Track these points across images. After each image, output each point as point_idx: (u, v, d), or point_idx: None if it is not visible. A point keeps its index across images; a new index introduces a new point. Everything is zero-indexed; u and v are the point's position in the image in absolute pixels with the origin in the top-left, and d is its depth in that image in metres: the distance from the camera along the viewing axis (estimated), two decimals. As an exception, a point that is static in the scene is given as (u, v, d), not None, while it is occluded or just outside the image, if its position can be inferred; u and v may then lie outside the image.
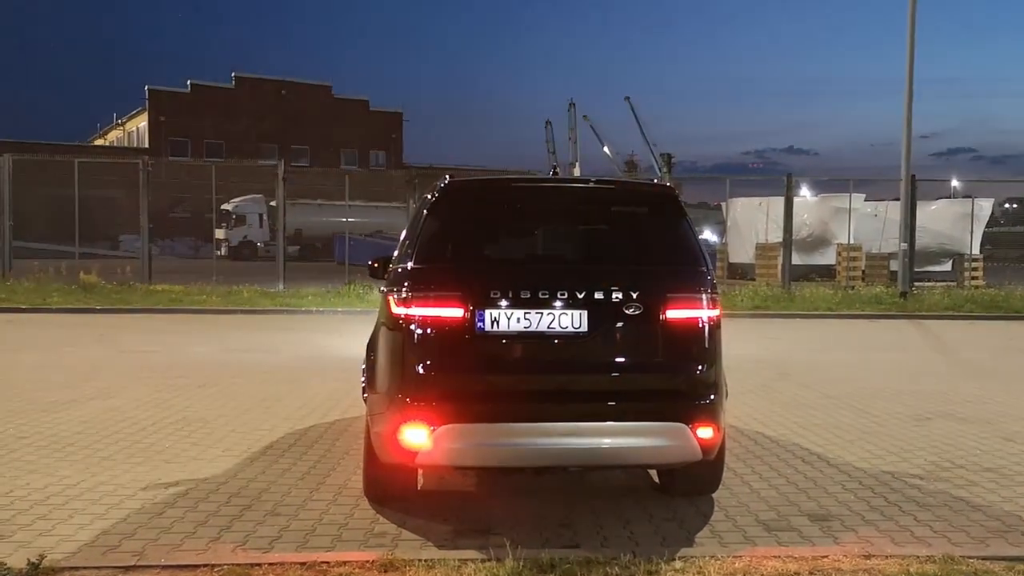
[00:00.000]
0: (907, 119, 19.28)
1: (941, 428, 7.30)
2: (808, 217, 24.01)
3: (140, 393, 8.37)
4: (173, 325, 14.64)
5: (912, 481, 5.70)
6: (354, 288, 18.39)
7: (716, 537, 4.63)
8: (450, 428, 4.32)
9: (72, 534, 4.46)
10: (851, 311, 17.63)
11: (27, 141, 44.39)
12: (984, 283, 23.01)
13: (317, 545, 4.41)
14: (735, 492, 5.39)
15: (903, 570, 4.05)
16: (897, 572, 4.03)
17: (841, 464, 6.11)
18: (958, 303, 18.52)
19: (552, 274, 4.60)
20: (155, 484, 5.35)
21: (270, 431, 6.86)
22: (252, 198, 41.20)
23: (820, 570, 4.07)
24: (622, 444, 4.47)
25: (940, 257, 24.63)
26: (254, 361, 10.70)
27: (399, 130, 62.55)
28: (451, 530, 4.62)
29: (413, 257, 4.62)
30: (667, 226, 4.88)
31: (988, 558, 4.26)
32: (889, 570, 4.06)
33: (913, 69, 19.23)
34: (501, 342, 4.44)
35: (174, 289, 18.81)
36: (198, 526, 4.63)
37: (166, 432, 6.79)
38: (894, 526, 4.82)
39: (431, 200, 4.84)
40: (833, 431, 7.14)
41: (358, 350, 5.60)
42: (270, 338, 13.03)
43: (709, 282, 4.71)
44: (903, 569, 4.07)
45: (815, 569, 4.08)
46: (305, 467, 5.85)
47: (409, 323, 4.43)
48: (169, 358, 10.84)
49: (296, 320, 15.63)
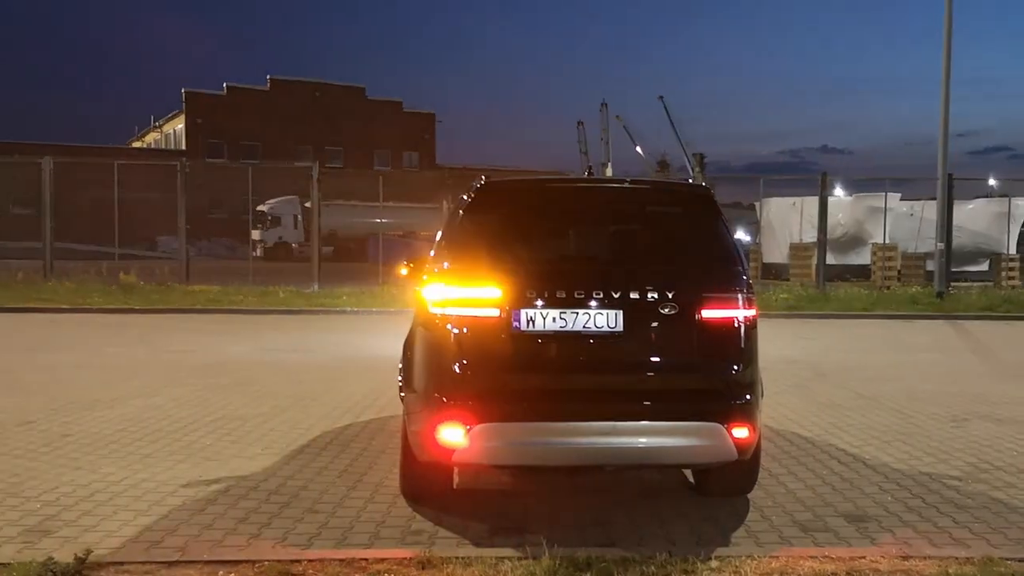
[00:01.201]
0: (944, 118, 19.03)
1: (979, 430, 7.22)
2: (843, 217, 23.77)
3: (180, 392, 8.52)
4: (210, 325, 14.85)
5: (950, 482, 5.65)
6: (388, 288, 18.52)
7: (752, 537, 4.63)
8: (486, 427, 4.36)
9: (116, 530, 4.56)
10: (886, 311, 17.43)
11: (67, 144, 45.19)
12: (1021, 283, 22.64)
13: (355, 542, 4.47)
14: (770, 492, 5.38)
15: (942, 571, 4.03)
16: (935, 573, 4.01)
17: (877, 465, 6.07)
18: (995, 303, 18.24)
19: (588, 274, 4.63)
20: (196, 481, 5.46)
21: (307, 430, 6.95)
22: (287, 199, 41.59)
23: (857, 571, 4.06)
24: (658, 443, 4.48)
25: (977, 257, 24.27)
26: (290, 361, 10.84)
27: (432, 131, 62.78)
28: (487, 528, 4.66)
29: (449, 257, 4.67)
30: (703, 226, 4.89)
31: None
32: (927, 571, 4.05)
33: (950, 67, 18.98)
34: (537, 341, 4.48)
35: (211, 290, 19.07)
36: (239, 522, 4.71)
37: (206, 430, 6.91)
38: (932, 527, 4.79)
39: (467, 200, 4.89)
40: (869, 432, 7.09)
41: (392, 350, 5.66)
42: (305, 338, 13.18)
43: (745, 282, 4.71)
44: (942, 570, 4.04)
45: (852, 570, 4.07)
46: (342, 465, 5.93)
47: (445, 323, 4.48)
48: (207, 357, 11.00)
49: (331, 320, 15.77)
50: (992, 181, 27.46)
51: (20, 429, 6.81)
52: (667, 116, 55.72)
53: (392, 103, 60.62)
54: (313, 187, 20.37)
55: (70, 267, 20.59)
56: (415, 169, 55.93)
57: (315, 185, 20.27)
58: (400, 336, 5.43)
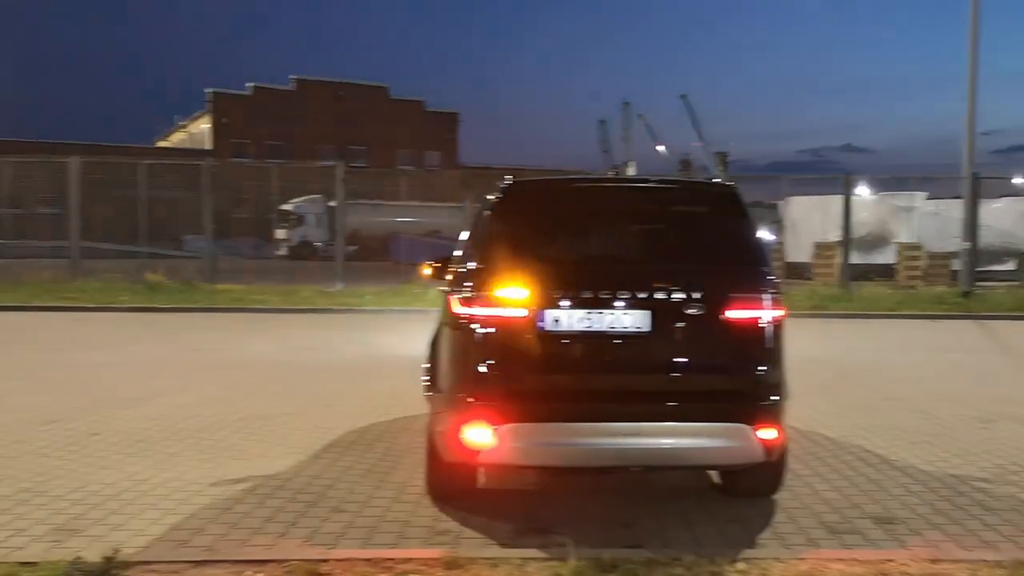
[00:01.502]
0: (970, 116, 18.80)
1: (1007, 431, 7.14)
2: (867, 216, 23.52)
3: (206, 390, 8.59)
4: (236, 324, 14.96)
5: (978, 484, 5.59)
6: (410, 287, 18.55)
7: (779, 539, 4.60)
8: (513, 427, 4.37)
9: (144, 529, 4.60)
10: (912, 311, 17.25)
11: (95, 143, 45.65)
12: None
13: (381, 542, 4.49)
14: (797, 493, 5.35)
15: (972, 575, 3.99)
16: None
17: (904, 466, 6.01)
18: (1022, 303, 18.01)
19: (614, 274, 4.62)
20: (222, 480, 5.50)
21: (332, 429, 6.98)
22: (311, 199, 41.78)
23: (886, 574, 4.03)
24: (685, 445, 4.48)
25: (1003, 256, 23.95)
26: (314, 360, 10.89)
27: (454, 131, 62.96)
28: (512, 528, 4.66)
29: (475, 257, 4.68)
30: (729, 225, 4.87)
31: None
32: (957, 575, 4.00)
33: (976, 66, 18.75)
34: (563, 342, 4.48)
35: (236, 289, 19.20)
36: (265, 522, 4.75)
37: (232, 429, 6.96)
38: (961, 530, 4.74)
39: (493, 200, 4.89)
40: (895, 433, 7.02)
41: (416, 349, 5.66)
42: (329, 337, 13.24)
43: (771, 281, 4.69)
44: (972, 574, 4.00)
45: (880, 573, 4.05)
46: (367, 464, 5.95)
47: (471, 323, 4.49)
48: (232, 356, 11.09)
49: (354, 319, 15.83)
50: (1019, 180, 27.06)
51: (46, 428, 6.88)
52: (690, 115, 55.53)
53: (415, 103, 60.86)
54: (338, 186, 20.47)
55: (97, 266, 20.79)
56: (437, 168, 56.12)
57: (340, 184, 20.36)
58: (423, 335, 5.45)
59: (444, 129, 61.61)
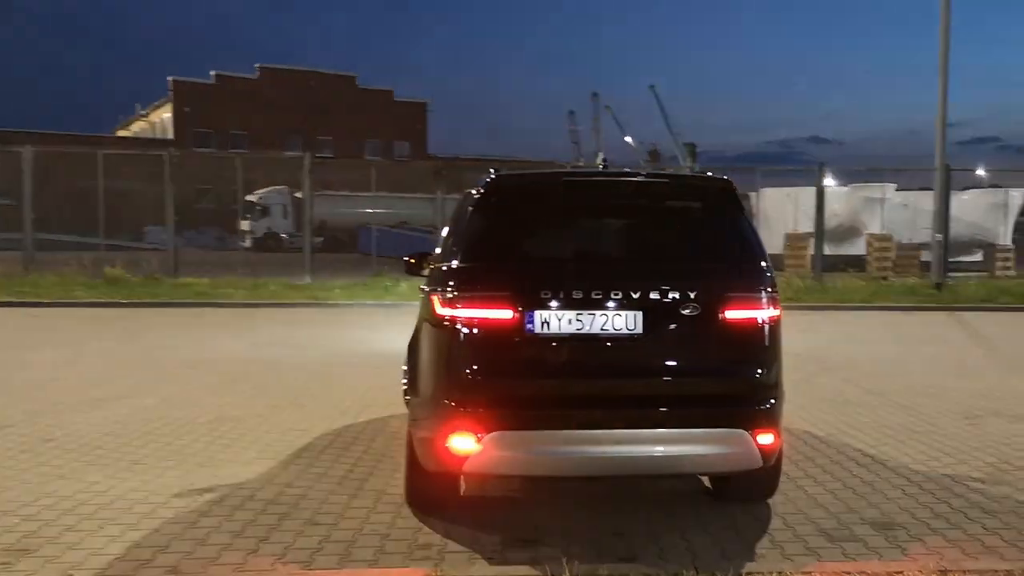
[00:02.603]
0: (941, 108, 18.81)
1: (994, 427, 7.02)
2: (838, 207, 23.60)
3: (170, 391, 8.24)
4: (201, 319, 14.55)
5: (973, 485, 5.44)
6: (382, 280, 18.25)
7: (777, 548, 4.40)
8: (501, 435, 4.13)
9: (102, 547, 4.28)
10: (886, 303, 17.26)
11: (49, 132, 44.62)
12: (1015, 273, 22.53)
13: (360, 557, 4.22)
14: (791, 497, 5.15)
15: (983, 586, 3.81)
16: None
17: (897, 467, 5.85)
18: (993, 294, 18.11)
19: (606, 272, 4.38)
20: (188, 490, 5.18)
21: (305, 431, 6.69)
22: (277, 189, 41.17)
23: (895, 587, 3.83)
24: (680, 452, 4.26)
25: (972, 247, 24.18)
26: (285, 356, 10.55)
27: (423, 120, 62.38)
28: (499, 540, 4.42)
29: (459, 255, 4.40)
30: (724, 221, 4.64)
31: None
32: (968, 586, 3.82)
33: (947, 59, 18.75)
34: (553, 344, 4.23)
35: (200, 282, 18.72)
36: (235, 536, 4.45)
37: (199, 433, 6.63)
38: (962, 535, 4.58)
39: (478, 195, 4.61)
40: (883, 430, 6.87)
41: (389, 345, 5.42)
42: (299, 332, 12.90)
43: (769, 280, 4.48)
44: (983, 585, 3.82)
45: (889, 586, 3.84)
46: (342, 471, 5.67)
47: (456, 324, 4.22)
48: (198, 354, 10.71)
49: (325, 313, 15.49)
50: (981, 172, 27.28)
51: None
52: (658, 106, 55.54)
53: (383, 92, 60.22)
54: (305, 177, 20.04)
55: (52, 259, 20.19)
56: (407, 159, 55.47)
57: (307, 175, 19.94)
58: (396, 330, 5.19)
59: (413, 119, 60.99)
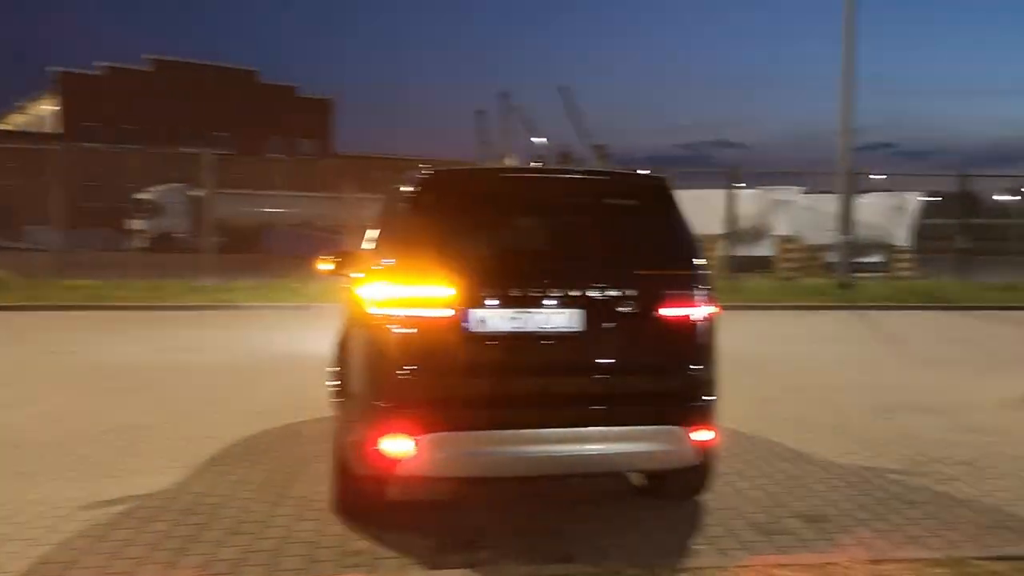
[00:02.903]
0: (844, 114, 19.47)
1: (907, 420, 7.23)
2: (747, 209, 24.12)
3: (67, 398, 7.77)
4: (96, 323, 13.82)
5: (893, 477, 5.58)
6: (289, 282, 17.73)
7: (712, 544, 4.42)
8: (436, 436, 4.02)
9: (4, 563, 3.97)
10: (795, 302, 17.71)
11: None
12: (913, 274, 23.47)
13: (289, 567, 4.03)
14: (721, 493, 5.16)
15: (917, 574, 3.86)
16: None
17: (820, 461, 5.96)
18: (896, 294, 18.78)
19: (544, 270, 4.30)
20: (95, 502, 4.86)
21: (216, 438, 6.38)
22: (171, 187, 39.63)
23: (833, 579, 3.85)
24: (619, 450, 4.24)
25: (872, 249, 25.08)
26: (190, 361, 10.09)
27: (329, 118, 61.27)
28: (433, 544, 4.29)
29: (392, 252, 4.23)
30: (661, 219, 4.60)
31: (993, 558, 4.12)
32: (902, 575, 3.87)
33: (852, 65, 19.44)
34: (491, 343, 4.12)
35: (93, 284, 17.79)
36: (151, 549, 4.19)
37: (101, 442, 6.25)
38: (887, 525, 4.69)
39: (412, 191, 4.44)
40: (803, 426, 6.99)
41: (300, 348, 5.18)
42: (204, 336, 12.38)
43: (706, 277, 4.46)
44: (917, 574, 3.88)
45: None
46: (260, 478, 5.42)
47: (389, 324, 4.07)
48: (96, 359, 10.15)
49: (230, 317, 14.93)
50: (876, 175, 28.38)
51: None
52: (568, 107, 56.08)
53: (286, 88, 58.91)
54: (206, 175, 19.29)
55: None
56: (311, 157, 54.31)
57: (209, 173, 19.20)
58: (306, 332, 5.01)
59: (318, 116, 59.79)
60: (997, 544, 4.39)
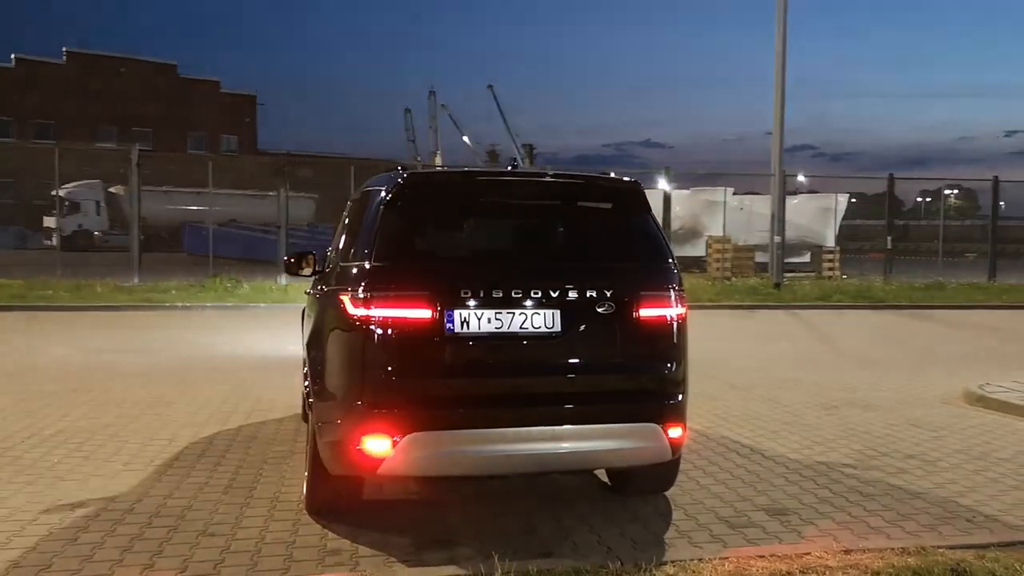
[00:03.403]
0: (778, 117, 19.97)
1: (851, 416, 7.47)
2: (680, 210, 24.59)
3: (4, 402, 7.47)
4: (19, 324, 13.32)
5: (847, 471, 5.75)
6: (221, 281, 17.37)
7: (684, 537, 4.50)
8: (418, 436, 4.01)
9: (-26, 570, 3.81)
10: (731, 302, 18.11)
11: None
12: (839, 274, 24.16)
13: (268, 567, 3.96)
14: (685, 489, 5.27)
15: (887, 564, 4.01)
16: (882, 567, 3.98)
17: (775, 456, 6.11)
18: (828, 293, 19.36)
19: (524, 272, 4.33)
20: (57, 506, 4.71)
21: (170, 441, 6.24)
22: (88, 184, 38.46)
23: (810, 568, 3.96)
24: (598, 447, 4.28)
25: (801, 249, 25.78)
26: (127, 363, 9.81)
27: (253, 114, 60.01)
28: (410, 542, 4.28)
29: (372, 254, 4.21)
30: (634, 221, 4.68)
31: (956, 547, 4.26)
32: (873, 565, 4.00)
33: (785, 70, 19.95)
34: (471, 344, 4.14)
35: (12, 284, 17.16)
36: (123, 552, 4.08)
37: (49, 446, 6.04)
38: (847, 517, 4.83)
39: (389, 193, 4.41)
40: (754, 422, 7.17)
41: (238, 349, 5.08)
42: (138, 337, 12.04)
43: (678, 278, 4.56)
44: (887, 563, 4.02)
45: (804, 567, 3.97)
46: (224, 479, 5.32)
47: (370, 325, 4.05)
48: (25, 361, 9.79)
49: (162, 317, 14.56)
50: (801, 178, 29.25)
51: None
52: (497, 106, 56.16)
53: (209, 82, 57.46)
54: (132, 171, 18.71)
55: None
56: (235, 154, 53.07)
57: (135, 170, 18.64)
58: (242, 332, 4.99)
59: (241, 112, 58.46)
60: (954, 533, 4.57)
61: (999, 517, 4.85)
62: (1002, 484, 5.49)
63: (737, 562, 4.04)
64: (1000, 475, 5.69)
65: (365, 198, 4.88)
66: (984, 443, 6.56)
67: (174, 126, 53.29)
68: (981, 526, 4.71)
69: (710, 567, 3.97)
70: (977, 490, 5.35)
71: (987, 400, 7.91)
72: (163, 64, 56.22)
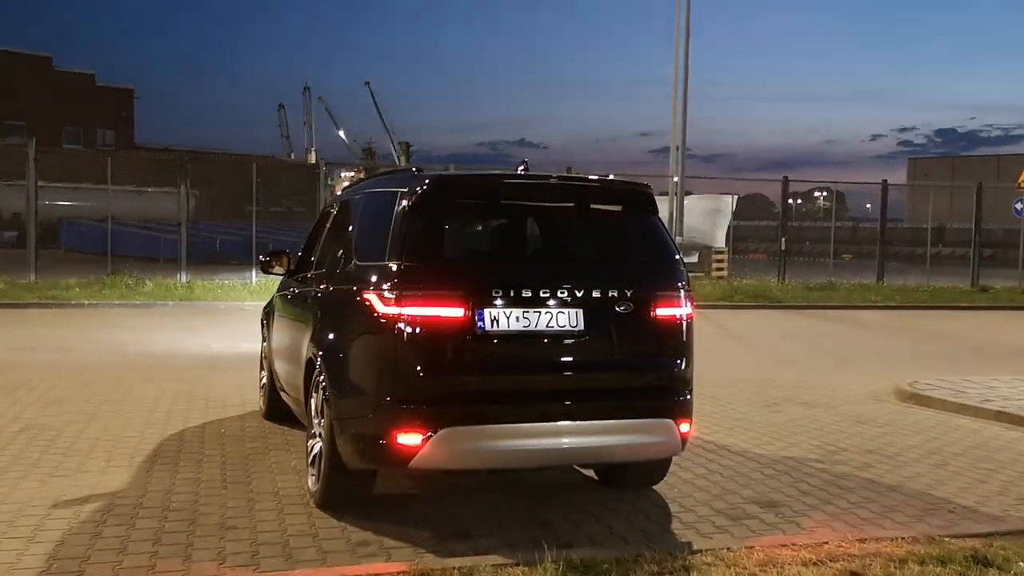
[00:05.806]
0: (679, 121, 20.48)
1: (796, 413, 7.67)
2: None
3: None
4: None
5: (817, 465, 5.92)
6: (122, 278, 16.69)
7: (691, 528, 4.64)
8: (450, 431, 4.12)
9: (15, 561, 3.70)
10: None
11: None
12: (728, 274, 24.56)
13: (305, 558, 3.96)
14: (670, 484, 5.36)
15: (908, 552, 4.14)
16: (904, 554, 4.11)
17: (742, 452, 6.27)
18: (728, 293, 19.77)
19: (550, 272, 4.47)
20: (64, 501, 4.57)
21: (140, 437, 6.09)
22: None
23: (836, 556, 4.10)
24: (618, 441, 4.46)
25: (689, 250, 26.22)
26: (52, 361, 9.35)
27: (130, 108, 57.47)
28: (431, 535, 4.33)
29: (401, 254, 4.26)
30: (646, 222, 4.87)
31: (962, 536, 4.44)
32: (895, 553, 4.14)
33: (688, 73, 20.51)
34: (500, 341, 4.25)
35: None
36: (155, 544, 4.02)
37: (22, 442, 5.81)
38: (836, 509, 4.99)
39: (415, 194, 4.43)
40: (707, 420, 7.23)
41: (160, 346, 4.98)
42: (54, 335, 11.48)
43: (687, 278, 4.77)
44: (907, 551, 4.15)
45: (830, 555, 4.10)
46: (215, 475, 5.24)
47: (403, 323, 4.11)
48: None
49: (70, 315, 13.86)
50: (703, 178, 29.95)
51: None
52: (373, 102, 55.70)
53: (84, 75, 54.67)
54: (29, 167, 17.60)
55: None
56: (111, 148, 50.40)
57: (32, 165, 17.55)
58: (157, 330, 4.97)
59: (118, 106, 55.80)
60: (944, 525, 4.78)
61: (978, 508, 5.09)
62: (967, 477, 5.75)
63: (765, 551, 4.16)
64: (960, 469, 5.97)
65: (373, 198, 4.93)
66: (932, 439, 6.88)
67: (48, 119, 50.29)
68: (965, 517, 4.95)
69: (743, 555, 4.11)
70: (945, 483, 5.61)
71: (919, 397, 8.27)
72: (36, 56, 53.19)
